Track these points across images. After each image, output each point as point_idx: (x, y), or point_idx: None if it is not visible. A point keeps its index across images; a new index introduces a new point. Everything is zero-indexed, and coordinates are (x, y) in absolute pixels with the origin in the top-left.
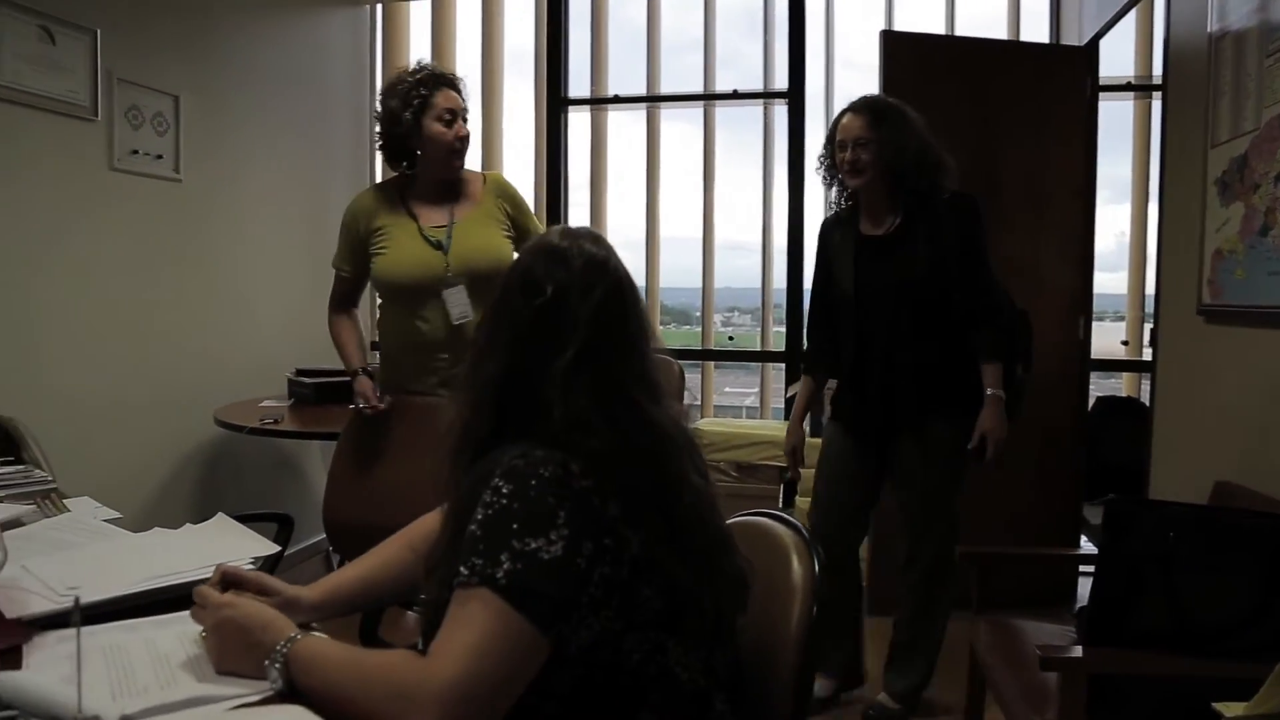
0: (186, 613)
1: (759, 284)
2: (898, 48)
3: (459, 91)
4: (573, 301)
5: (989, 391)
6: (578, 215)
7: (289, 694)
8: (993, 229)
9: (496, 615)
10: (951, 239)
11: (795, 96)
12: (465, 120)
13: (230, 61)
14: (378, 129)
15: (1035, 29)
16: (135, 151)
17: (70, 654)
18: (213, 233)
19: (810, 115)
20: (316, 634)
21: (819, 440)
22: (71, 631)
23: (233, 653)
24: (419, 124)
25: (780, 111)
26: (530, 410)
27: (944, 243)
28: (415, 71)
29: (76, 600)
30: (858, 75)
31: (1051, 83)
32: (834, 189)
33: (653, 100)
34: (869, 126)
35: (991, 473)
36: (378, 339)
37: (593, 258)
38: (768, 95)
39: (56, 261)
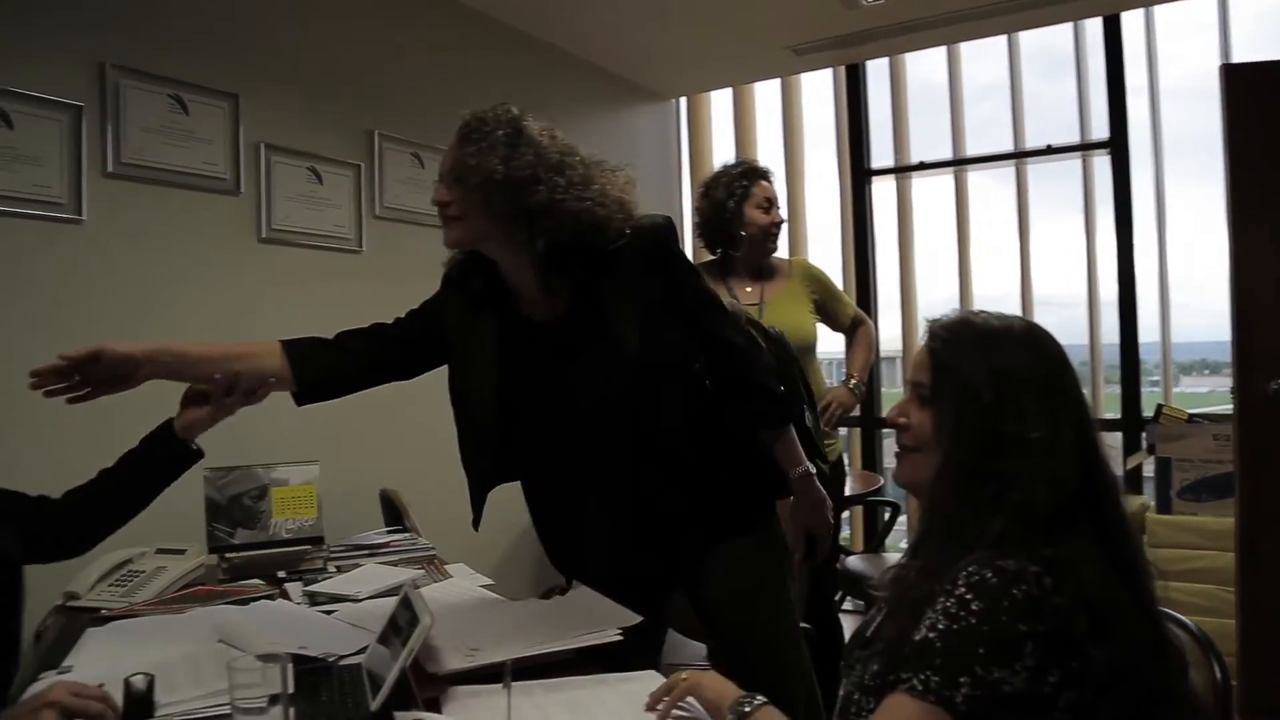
0: (565, 679)
1: (1084, 340)
2: (1245, 81)
3: (770, 182)
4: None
5: (794, 471)
6: (886, 284)
7: None
8: None
9: None
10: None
11: (1118, 146)
12: (778, 207)
13: None
14: (696, 219)
15: None
16: None
17: (486, 706)
18: None
19: (1136, 163)
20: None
21: None
22: (479, 688)
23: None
24: (740, 211)
25: (1102, 161)
26: (996, 504)
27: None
28: (734, 166)
29: (507, 665)
30: (1190, 113)
31: None
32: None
33: (959, 164)
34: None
35: None
36: None
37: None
38: (1086, 147)
39: None
